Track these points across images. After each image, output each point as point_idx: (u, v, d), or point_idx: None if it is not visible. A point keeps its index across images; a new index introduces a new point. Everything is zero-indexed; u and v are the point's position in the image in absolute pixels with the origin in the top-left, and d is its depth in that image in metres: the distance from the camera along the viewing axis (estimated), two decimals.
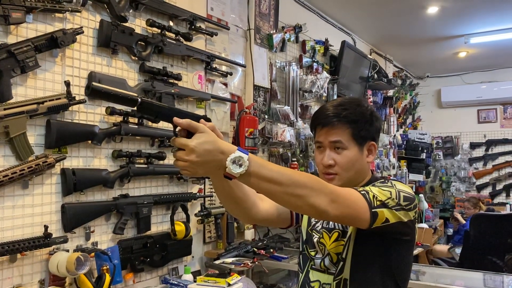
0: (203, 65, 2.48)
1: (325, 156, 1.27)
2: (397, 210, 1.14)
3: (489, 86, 6.41)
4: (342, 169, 1.25)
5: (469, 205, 5.19)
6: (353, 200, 1.09)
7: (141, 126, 2.04)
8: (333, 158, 1.26)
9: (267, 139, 3.07)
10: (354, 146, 1.26)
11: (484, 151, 6.63)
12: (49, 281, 1.68)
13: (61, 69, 1.79)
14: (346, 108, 1.28)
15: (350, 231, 1.23)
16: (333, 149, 1.26)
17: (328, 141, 1.26)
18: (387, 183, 1.20)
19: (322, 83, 3.65)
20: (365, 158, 1.29)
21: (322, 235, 1.30)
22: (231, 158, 0.95)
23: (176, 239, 2.20)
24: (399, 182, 1.24)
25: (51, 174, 1.73)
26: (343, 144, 1.25)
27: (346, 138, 1.25)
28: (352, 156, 1.26)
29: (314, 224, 1.35)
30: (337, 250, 1.25)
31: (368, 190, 1.13)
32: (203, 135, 0.95)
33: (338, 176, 1.26)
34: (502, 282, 2.75)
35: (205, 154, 0.94)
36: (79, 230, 1.82)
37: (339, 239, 1.25)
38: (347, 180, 1.27)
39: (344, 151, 1.26)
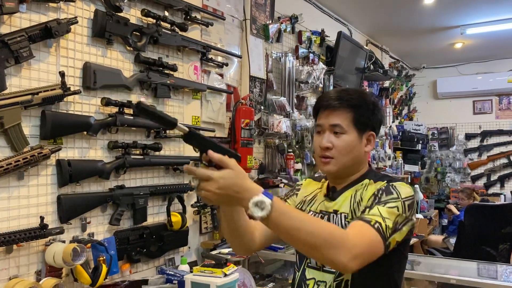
0: (199, 55, 2.47)
1: (323, 139, 1.27)
2: (404, 225, 1.16)
3: (485, 77, 6.42)
4: (339, 153, 1.25)
5: (464, 196, 5.23)
6: (370, 243, 1.07)
7: (136, 117, 2.03)
8: (331, 141, 1.26)
9: (263, 130, 3.07)
10: (354, 132, 1.26)
11: (479, 142, 6.67)
12: (45, 272, 1.68)
13: (55, 60, 1.77)
14: (349, 93, 1.29)
15: None
16: (332, 133, 1.26)
17: (328, 124, 1.27)
18: (392, 193, 1.18)
19: (318, 74, 3.65)
20: (363, 147, 1.28)
21: None
22: (254, 201, 0.95)
23: (173, 230, 2.21)
24: (400, 184, 1.22)
25: (46, 165, 1.73)
26: (342, 128, 1.25)
27: (347, 122, 1.25)
28: (350, 141, 1.25)
29: None
30: None
31: (380, 219, 1.11)
32: (231, 171, 0.96)
33: (334, 160, 1.26)
34: (496, 272, 2.78)
35: (228, 188, 0.95)
36: (75, 221, 1.82)
37: None
38: (343, 166, 1.27)
39: (343, 136, 1.25)
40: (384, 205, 1.14)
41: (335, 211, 1.28)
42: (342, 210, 1.27)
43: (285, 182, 3.05)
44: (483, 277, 2.65)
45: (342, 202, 1.28)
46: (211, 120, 2.58)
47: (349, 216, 1.24)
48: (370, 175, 1.31)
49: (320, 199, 1.36)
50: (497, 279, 2.60)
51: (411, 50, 6.02)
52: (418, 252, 4.49)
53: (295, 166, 3.31)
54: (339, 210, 1.27)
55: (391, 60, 6.01)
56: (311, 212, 1.34)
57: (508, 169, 6.45)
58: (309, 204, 1.38)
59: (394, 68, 5.91)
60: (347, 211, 1.25)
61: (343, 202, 1.28)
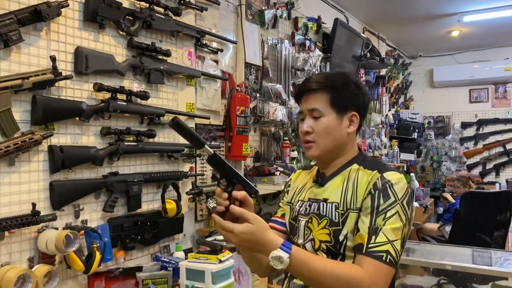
0: (193, 41, 2.43)
1: (304, 124, 1.28)
2: (408, 226, 1.17)
3: (481, 65, 6.41)
4: (319, 137, 1.26)
5: (459, 184, 5.23)
6: (386, 279, 1.10)
7: (129, 103, 2.00)
8: (310, 126, 1.27)
9: (259, 118, 3.04)
10: (332, 113, 1.26)
11: (475, 130, 6.68)
12: (38, 259, 1.66)
13: (46, 44, 1.74)
14: (327, 76, 1.31)
15: (346, 230, 1.20)
16: (311, 118, 1.27)
17: (307, 108, 1.28)
18: (390, 196, 1.16)
19: (315, 61, 3.62)
20: (344, 128, 1.27)
21: (311, 219, 1.27)
22: (273, 256, 1.04)
23: (167, 217, 2.19)
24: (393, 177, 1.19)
25: (38, 151, 1.70)
26: (320, 111, 1.25)
27: (323, 105, 1.25)
28: (328, 123, 1.25)
29: (298, 210, 1.34)
30: (321, 237, 1.23)
31: (389, 247, 1.11)
32: (251, 227, 1.04)
33: (315, 144, 1.27)
34: (490, 258, 2.79)
35: (248, 242, 1.05)
36: (68, 208, 1.80)
37: (326, 226, 1.23)
38: (325, 150, 1.27)
39: (321, 119, 1.26)
40: (385, 219, 1.13)
41: (324, 199, 1.27)
42: (332, 199, 1.25)
43: (281, 170, 3.03)
44: (478, 263, 2.66)
45: (332, 190, 1.27)
46: (205, 107, 2.56)
47: (340, 206, 1.22)
48: (359, 160, 1.29)
49: (309, 186, 1.36)
50: (491, 265, 2.61)
51: (408, 38, 5.98)
52: (413, 240, 4.51)
53: (291, 154, 3.29)
54: (328, 199, 1.26)
55: (388, 48, 5.98)
56: (300, 202, 1.34)
57: (503, 157, 6.47)
58: (298, 194, 1.38)
59: (391, 56, 5.89)
60: (337, 200, 1.24)
61: (333, 190, 1.26)
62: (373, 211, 1.16)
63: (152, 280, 1.90)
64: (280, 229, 1.39)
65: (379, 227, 1.13)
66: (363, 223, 1.16)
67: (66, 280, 1.79)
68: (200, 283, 1.90)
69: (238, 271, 2.16)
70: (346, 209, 1.21)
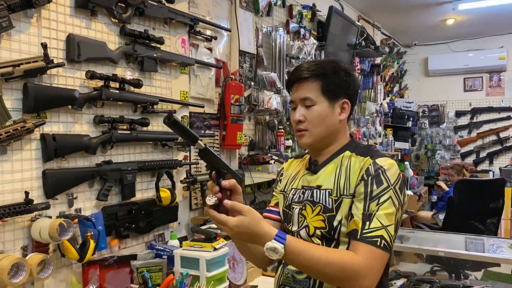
0: (187, 28, 2.41)
1: (296, 113, 1.29)
2: (401, 210, 1.19)
3: (476, 54, 6.41)
4: (312, 125, 1.26)
5: (453, 173, 5.27)
6: (380, 263, 1.12)
7: (122, 91, 1.99)
8: (302, 114, 1.27)
9: (253, 106, 3.03)
10: (324, 101, 1.26)
11: (469, 119, 6.70)
12: (32, 248, 1.66)
13: (37, 31, 1.71)
14: (317, 63, 1.31)
15: (340, 216, 1.21)
16: (303, 106, 1.28)
17: (298, 98, 1.28)
18: (382, 182, 1.17)
19: (309, 49, 3.60)
20: (336, 116, 1.28)
21: (304, 206, 1.29)
22: (267, 247, 1.06)
23: (162, 205, 2.19)
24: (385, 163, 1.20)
25: (30, 139, 1.68)
26: (312, 100, 1.26)
27: (315, 93, 1.26)
28: (321, 111, 1.26)
29: (292, 198, 1.35)
30: (316, 224, 1.25)
31: (383, 232, 1.13)
32: (245, 219, 1.05)
33: (308, 132, 1.28)
34: (483, 245, 2.82)
35: (243, 234, 1.07)
36: (62, 197, 1.79)
37: (320, 213, 1.25)
38: (318, 137, 1.28)
39: (313, 107, 1.27)
40: (379, 204, 1.15)
41: (318, 186, 1.28)
42: (326, 186, 1.26)
43: (275, 158, 3.03)
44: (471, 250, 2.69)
45: (325, 177, 1.28)
46: (200, 95, 2.54)
47: (333, 193, 1.24)
48: (350, 147, 1.31)
49: (302, 174, 1.37)
50: (484, 252, 2.64)
51: (403, 26, 5.97)
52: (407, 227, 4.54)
53: (285, 142, 3.29)
54: (322, 186, 1.27)
55: (383, 37, 5.97)
56: (293, 190, 1.35)
57: (497, 146, 6.51)
58: (291, 182, 1.39)
59: (386, 45, 5.87)
60: (331, 187, 1.25)
61: (326, 177, 1.28)
62: (367, 197, 1.17)
63: (146, 268, 1.90)
64: (275, 218, 1.41)
65: (373, 213, 1.15)
66: (357, 209, 1.18)
67: (60, 269, 1.79)
68: (194, 271, 1.91)
69: (232, 259, 2.17)
70: (339, 195, 1.22)
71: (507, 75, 6.42)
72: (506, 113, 6.43)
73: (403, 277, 2.63)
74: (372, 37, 5.16)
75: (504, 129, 6.44)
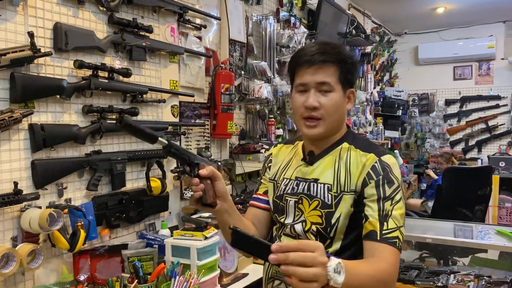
0: (176, 17, 2.39)
1: (310, 97, 1.16)
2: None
3: (466, 42, 6.44)
4: (328, 113, 1.17)
5: (442, 161, 5.32)
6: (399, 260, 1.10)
7: (111, 81, 1.97)
8: (318, 100, 1.16)
9: (244, 95, 3.03)
10: (340, 89, 1.19)
11: (459, 107, 6.75)
12: (22, 238, 1.66)
13: (23, 19, 1.69)
14: (334, 47, 1.19)
15: (339, 213, 1.16)
16: (318, 91, 1.17)
17: (315, 81, 1.16)
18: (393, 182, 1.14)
19: (300, 38, 3.59)
20: (345, 105, 1.23)
21: (301, 200, 1.22)
22: (332, 268, 0.84)
23: (152, 195, 2.19)
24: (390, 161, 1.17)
25: (18, 129, 1.67)
26: (330, 86, 1.16)
27: (334, 79, 1.17)
28: (338, 100, 1.18)
29: (284, 189, 1.27)
30: (313, 219, 1.19)
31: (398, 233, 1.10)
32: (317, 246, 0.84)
33: (322, 121, 1.18)
34: (471, 231, 2.86)
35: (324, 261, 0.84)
36: (51, 187, 1.78)
37: (317, 208, 1.19)
38: (330, 127, 1.20)
39: (330, 94, 1.17)
40: (393, 204, 1.12)
41: (315, 179, 1.21)
42: (324, 180, 1.20)
43: (266, 147, 3.03)
44: (459, 237, 2.73)
45: (322, 170, 1.21)
46: (189, 84, 2.53)
47: (333, 188, 1.18)
48: (348, 138, 1.25)
49: (295, 164, 1.29)
50: (472, 238, 2.68)
51: (393, 15, 5.97)
52: None
53: (276, 131, 3.30)
54: (319, 179, 1.21)
55: (373, 25, 5.96)
56: (286, 180, 1.28)
57: (485, 134, 6.58)
58: (283, 171, 1.31)
59: (376, 34, 5.87)
60: (330, 182, 1.19)
61: (324, 170, 1.21)
62: (380, 198, 1.13)
63: (137, 257, 1.91)
64: (263, 207, 1.35)
65: (389, 213, 1.11)
66: (372, 209, 1.13)
67: (51, 259, 1.79)
68: (185, 260, 1.92)
69: (223, 247, 2.18)
70: (339, 191, 1.17)
71: (496, 63, 6.47)
72: (495, 101, 6.49)
73: None
74: (363, 25, 5.16)
75: (492, 117, 6.51)
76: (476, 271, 2.40)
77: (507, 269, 2.55)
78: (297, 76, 1.21)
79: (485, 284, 2.26)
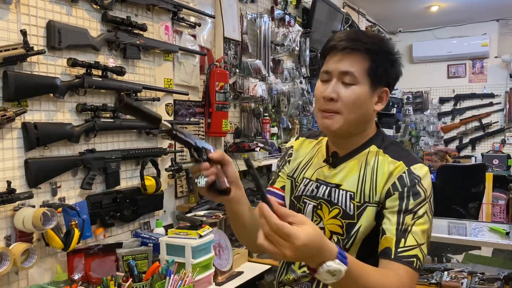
0: (170, 15, 2.38)
1: (329, 87, 1.06)
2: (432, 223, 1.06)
3: (460, 41, 6.46)
4: (346, 108, 1.04)
5: (437, 158, 5.34)
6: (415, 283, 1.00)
7: (105, 79, 1.97)
8: (337, 92, 1.05)
9: (239, 94, 3.03)
10: (367, 83, 1.05)
11: (453, 105, 6.77)
12: (15, 237, 1.65)
13: (16, 17, 1.68)
14: (368, 36, 1.08)
15: (360, 224, 1.07)
16: (340, 82, 1.06)
17: (338, 70, 1.05)
18: (420, 194, 1.03)
19: (294, 36, 3.59)
20: (373, 104, 1.09)
21: (320, 206, 1.13)
22: (329, 269, 0.80)
23: (147, 193, 2.19)
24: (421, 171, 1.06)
25: (11, 128, 1.66)
26: (354, 77, 1.04)
27: (360, 71, 1.04)
28: (360, 94, 1.05)
29: (303, 190, 1.18)
30: (332, 228, 1.10)
31: (418, 251, 0.99)
32: (312, 235, 0.77)
33: (339, 116, 1.05)
34: (465, 229, 2.88)
35: (306, 255, 0.79)
36: (45, 186, 1.78)
37: (337, 217, 1.10)
38: (347, 124, 1.06)
39: (353, 86, 1.05)
40: (414, 218, 1.01)
41: (337, 185, 1.12)
42: (347, 186, 1.10)
43: (261, 146, 3.03)
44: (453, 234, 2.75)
45: (346, 176, 1.11)
46: (184, 83, 2.53)
47: (356, 197, 1.08)
48: (377, 140, 1.13)
49: (317, 164, 1.19)
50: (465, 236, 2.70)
51: (388, 13, 5.98)
52: None
53: (271, 130, 3.30)
54: (342, 185, 1.11)
55: (368, 24, 5.97)
56: (305, 180, 1.19)
57: (479, 132, 6.60)
58: (303, 169, 1.22)
59: (371, 32, 5.88)
60: (353, 190, 1.09)
61: (347, 175, 1.11)
62: (401, 210, 1.02)
63: (132, 256, 1.91)
64: (279, 203, 1.16)
65: (408, 228, 1.01)
66: (390, 223, 1.02)
67: (45, 258, 1.78)
68: (180, 258, 1.92)
69: (218, 246, 2.18)
70: (363, 201, 1.07)
71: (489, 61, 6.50)
72: (488, 99, 6.52)
73: None
74: (357, 24, 5.17)
75: (486, 115, 6.54)
76: (470, 268, 2.42)
77: (500, 266, 2.57)
78: (325, 63, 1.10)
79: (479, 281, 2.27)
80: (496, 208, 5.59)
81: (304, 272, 1.14)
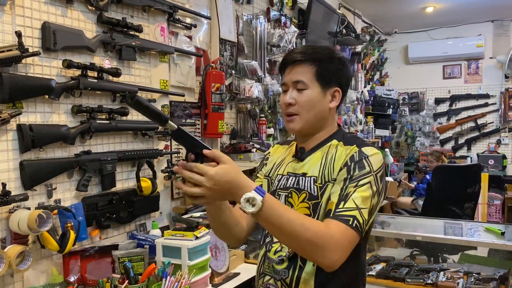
0: (166, 16, 2.38)
1: (287, 95, 1.27)
2: (378, 197, 1.18)
3: (455, 41, 6.49)
4: (303, 109, 1.25)
5: (432, 159, 5.36)
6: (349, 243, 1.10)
7: (101, 80, 1.96)
8: (293, 97, 1.26)
9: (235, 95, 3.03)
10: (317, 86, 1.25)
11: (448, 106, 6.80)
12: (10, 239, 1.64)
13: (11, 19, 1.67)
14: (314, 48, 1.29)
15: (321, 202, 1.21)
16: (295, 89, 1.26)
17: (291, 80, 1.26)
18: (365, 167, 1.17)
19: (290, 37, 3.60)
20: (327, 103, 1.27)
21: (291, 194, 1.28)
22: (246, 197, 0.99)
23: (143, 195, 2.18)
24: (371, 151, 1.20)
25: (6, 130, 1.65)
26: (305, 84, 1.24)
27: (309, 77, 1.24)
28: (313, 96, 1.25)
29: (277, 185, 1.33)
30: (302, 211, 1.23)
31: (356, 213, 1.11)
32: (226, 167, 0.98)
33: (298, 117, 1.26)
34: (461, 229, 2.89)
35: (223, 184, 0.97)
36: (40, 188, 1.77)
37: (305, 200, 1.25)
38: (307, 123, 1.26)
39: (305, 91, 1.25)
40: (357, 186, 1.15)
41: (303, 174, 1.27)
42: (311, 173, 1.26)
43: (257, 147, 3.04)
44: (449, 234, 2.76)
45: (311, 165, 1.27)
46: (180, 84, 2.53)
47: (318, 180, 1.23)
48: (338, 136, 1.30)
49: (288, 161, 1.36)
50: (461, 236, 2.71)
51: (383, 14, 5.99)
52: (388, 213, 4.62)
53: (267, 131, 3.30)
54: (307, 173, 1.27)
55: (364, 25, 5.99)
56: (279, 176, 1.34)
57: (475, 132, 6.63)
58: (277, 168, 1.38)
59: (366, 33, 5.89)
60: (316, 174, 1.25)
61: (312, 164, 1.27)
62: (346, 179, 1.17)
63: (128, 257, 1.90)
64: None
65: (349, 194, 1.14)
66: (335, 190, 1.18)
67: (41, 260, 1.77)
68: (176, 260, 1.91)
69: (215, 247, 2.18)
70: (324, 182, 1.22)
71: (484, 62, 6.53)
72: (484, 100, 6.54)
73: (383, 261, 2.68)
74: (353, 25, 5.18)
75: (481, 115, 6.57)
76: (466, 268, 2.43)
77: (496, 266, 2.58)
78: (283, 77, 1.31)
79: (474, 281, 2.28)
80: (492, 208, 5.62)
81: (280, 257, 1.27)
